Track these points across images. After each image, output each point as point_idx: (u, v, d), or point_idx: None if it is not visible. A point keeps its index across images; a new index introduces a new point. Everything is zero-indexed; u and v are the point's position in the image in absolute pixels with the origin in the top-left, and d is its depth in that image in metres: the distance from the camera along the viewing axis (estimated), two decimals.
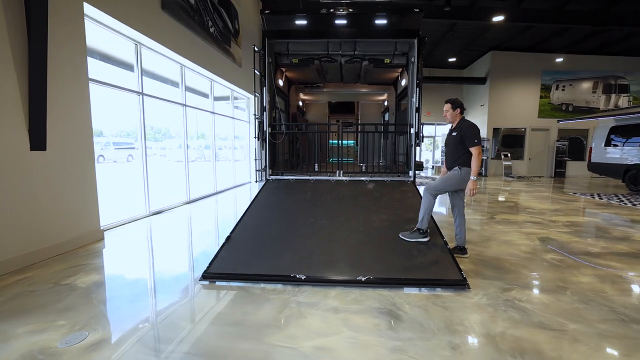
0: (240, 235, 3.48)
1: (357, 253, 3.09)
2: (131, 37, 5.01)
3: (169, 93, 6.39)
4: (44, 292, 2.58)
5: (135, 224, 4.92)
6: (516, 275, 2.93)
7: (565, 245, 3.84)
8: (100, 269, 3.13)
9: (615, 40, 12.28)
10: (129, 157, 5.86)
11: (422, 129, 4.85)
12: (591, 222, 5.21)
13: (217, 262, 2.98)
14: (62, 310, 2.28)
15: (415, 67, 4.87)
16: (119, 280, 2.89)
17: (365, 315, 2.21)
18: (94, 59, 4.37)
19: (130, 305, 2.38)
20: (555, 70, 13.82)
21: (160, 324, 2.11)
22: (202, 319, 2.17)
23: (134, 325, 2.10)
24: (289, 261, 2.97)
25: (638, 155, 8.66)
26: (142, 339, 1.95)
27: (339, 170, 5.16)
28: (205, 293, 2.58)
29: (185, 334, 1.98)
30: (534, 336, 1.97)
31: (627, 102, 13.71)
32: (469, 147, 3.18)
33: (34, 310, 2.28)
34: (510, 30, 11.63)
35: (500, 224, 4.90)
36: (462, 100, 4.33)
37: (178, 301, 2.44)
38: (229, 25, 8.28)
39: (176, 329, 2.05)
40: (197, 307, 2.35)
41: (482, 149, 3.28)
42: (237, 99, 9.99)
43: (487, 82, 14.15)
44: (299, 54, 5.40)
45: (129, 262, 3.36)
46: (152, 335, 1.98)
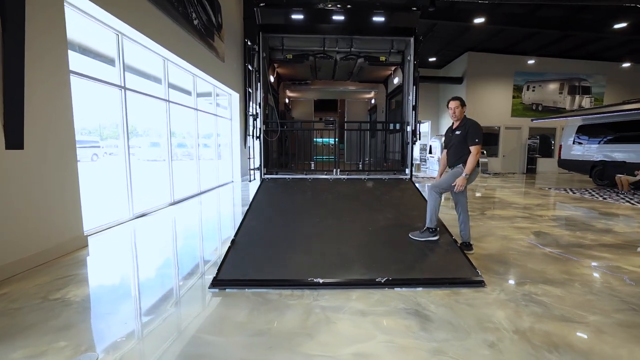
0: (245, 238, 3.32)
1: (369, 253, 3.05)
2: (113, 26, 4.64)
3: (150, 89, 6.02)
4: (32, 308, 2.30)
5: (119, 228, 4.59)
6: (524, 269, 3.02)
7: (559, 239, 4.03)
8: (93, 280, 2.86)
9: (578, 45, 13.15)
10: (93, 156, 5.44)
11: (419, 127, 4.90)
12: (574, 215, 5.52)
13: (226, 268, 2.82)
14: (59, 329, 2.04)
15: (412, 66, 4.91)
16: (118, 291, 2.65)
17: (394, 317, 2.17)
18: (72, 51, 3.99)
19: (139, 320, 2.18)
20: (526, 71, 14.58)
21: (180, 340, 1.94)
22: (224, 331, 2.02)
23: (151, 343, 1.91)
24: (303, 264, 2.87)
25: (603, 152, 9.34)
26: (163, 357, 1.78)
27: (336, 169, 5.10)
28: (219, 302, 2.42)
29: (212, 349, 1.84)
30: (560, 330, 2.02)
31: (589, 102, 14.76)
32: (470, 145, 3.23)
33: (25, 331, 2.02)
34: (486, 32, 12.11)
35: (493, 219, 5.06)
36: (439, 100, 4.47)
37: (192, 312, 2.26)
38: (212, 19, 7.94)
39: (200, 344, 1.90)
40: (215, 318, 2.19)
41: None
42: (219, 95, 9.64)
43: (464, 81, 14.66)
44: (294, 49, 5.26)
45: (123, 271, 3.11)
46: (174, 353, 1.82)
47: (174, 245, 3.98)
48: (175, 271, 3.09)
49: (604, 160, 9.24)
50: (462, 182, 3.20)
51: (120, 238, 4.13)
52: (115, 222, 4.79)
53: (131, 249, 3.79)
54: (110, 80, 4.76)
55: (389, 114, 7.06)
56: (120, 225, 4.69)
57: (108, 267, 3.18)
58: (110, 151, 5.82)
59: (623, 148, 8.75)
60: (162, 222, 5.03)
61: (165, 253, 3.66)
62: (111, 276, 2.98)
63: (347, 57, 5.36)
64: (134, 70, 5.61)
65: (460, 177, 3.21)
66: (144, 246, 3.85)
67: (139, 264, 3.31)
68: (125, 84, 5.09)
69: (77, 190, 3.73)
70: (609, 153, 9.16)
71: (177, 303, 2.41)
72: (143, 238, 4.18)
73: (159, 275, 2.98)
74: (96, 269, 3.14)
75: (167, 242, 4.05)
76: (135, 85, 5.43)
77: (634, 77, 15.06)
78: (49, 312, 2.25)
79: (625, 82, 15.05)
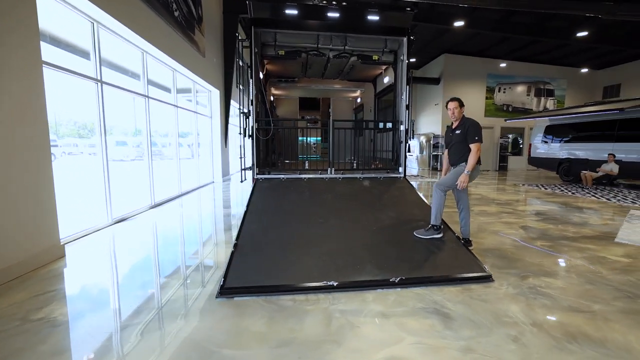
0: (248, 242, 3.20)
1: (379, 253, 3.05)
2: (87, 13, 4.28)
3: (128, 85, 5.65)
4: (12, 332, 2.00)
5: (97, 235, 4.24)
6: (523, 263, 3.15)
7: (545, 232, 4.27)
8: (78, 295, 2.58)
9: (544, 51, 14.05)
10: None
11: (412, 126, 4.98)
12: (551, 210, 5.87)
13: (232, 275, 2.69)
14: (53, 355, 1.79)
15: (405, 65, 4.97)
16: (110, 307, 2.40)
17: (416, 317, 2.17)
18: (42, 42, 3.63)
19: (148, 338, 1.99)
20: (498, 74, 15.36)
21: (198, 357, 1.81)
22: (245, 343, 1.91)
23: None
24: (313, 267, 2.80)
25: (568, 150, 10.05)
26: None
27: (330, 168, 5.06)
28: (231, 312, 2.28)
29: None
30: (573, 320, 2.12)
31: (552, 104, 15.83)
32: (470, 143, 3.31)
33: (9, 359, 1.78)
34: (462, 35, 12.59)
35: (481, 215, 5.26)
36: (417, 99, 4.59)
37: (204, 326, 2.11)
38: (192, 11, 7.58)
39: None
40: (231, 330, 2.06)
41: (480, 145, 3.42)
42: (199, 92, 9.25)
43: (441, 82, 15.16)
44: (287, 45, 5.15)
45: (111, 284, 2.85)
46: None
47: (163, 252, 3.75)
48: (171, 281, 2.90)
49: (569, 157, 9.94)
50: (465, 179, 3.28)
51: (100, 246, 3.82)
52: (93, 229, 4.43)
53: (115, 258, 3.51)
54: (85, 74, 4.41)
55: (378, 113, 7.13)
56: (99, 232, 4.35)
57: (93, 280, 2.91)
58: (70, 150, 5.33)
59: (586, 147, 9.48)
60: (145, 227, 4.73)
61: (155, 261, 3.43)
62: (99, 290, 2.72)
63: (340, 55, 5.33)
64: (110, 65, 5.23)
65: (462, 175, 3.29)
66: (130, 254, 3.58)
67: (128, 275, 3.07)
68: (101, 77, 4.73)
69: (52, 194, 3.37)
70: (573, 151, 9.87)
71: (184, 316, 2.24)
72: (126, 245, 3.89)
73: (155, 287, 2.78)
74: (79, 282, 2.86)
75: (154, 249, 3.80)
76: (112, 80, 5.07)
77: (591, 81, 16.37)
78: (33, 335, 1.98)
79: (584, 86, 16.32)
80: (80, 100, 4.60)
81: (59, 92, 4.15)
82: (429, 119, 16.44)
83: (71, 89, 4.39)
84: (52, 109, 4.16)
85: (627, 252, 3.48)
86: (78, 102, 4.60)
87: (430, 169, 15.59)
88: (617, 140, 8.54)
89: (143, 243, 4.00)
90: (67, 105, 4.46)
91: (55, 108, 4.28)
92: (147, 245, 3.92)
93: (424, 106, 16.57)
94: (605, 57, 14.59)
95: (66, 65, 4.02)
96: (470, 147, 3.31)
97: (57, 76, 3.88)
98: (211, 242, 4.11)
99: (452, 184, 3.40)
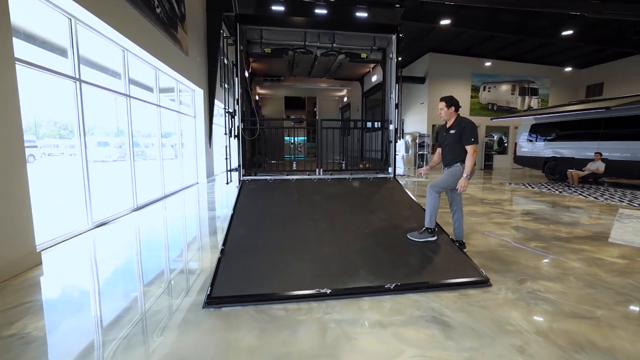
0: (235, 248, 3.04)
1: (372, 258, 2.93)
2: (64, 8, 4.02)
3: (110, 84, 5.38)
4: None
5: (76, 240, 4.00)
6: (518, 266, 3.10)
7: (538, 233, 4.25)
8: (55, 307, 2.40)
9: (529, 50, 14.31)
10: (29, 157, 4.86)
11: (402, 126, 4.90)
12: (541, 209, 5.90)
13: (220, 283, 2.53)
14: None
15: (394, 63, 4.88)
16: (90, 320, 2.22)
17: (415, 327, 2.06)
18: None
19: (130, 355, 1.83)
20: (483, 73, 15.55)
21: None
22: (235, 359, 1.77)
23: None
24: (305, 273, 2.67)
25: (553, 149, 10.23)
26: None
27: (318, 168, 4.93)
28: (218, 324, 2.13)
29: None
30: (577, 327, 2.05)
31: (537, 103, 16.15)
32: (465, 145, 3.23)
33: None
34: (448, 34, 12.66)
35: (471, 216, 5.23)
36: (402, 99, 4.52)
37: (190, 340, 1.96)
38: (175, 8, 7.32)
39: None
40: (221, 344, 1.91)
41: (476, 146, 3.35)
42: (182, 91, 8.96)
43: (426, 81, 15.24)
44: (273, 43, 4.98)
45: (90, 294, 2.65)
46: None
47: (145, 258, 3.54)
48: (154, 290, 2.71)
49: (555, 156, 10.12)
50: (465, 183, 3.19)
51: (79, 252, 3.60)
52: (72, 234, 4.18)
53: (95, 265, 3.29)
54: (62, 72, 4.14)
55: (366, 112, 7.04)
56: (78, 237, 4.10)
57: (71, 290, 2.71)
58: (50, 151, 5.14)
59: (571, 145, 9.65)
60: (127, 232, 4.50)
61: (137, 269, 3.23)
62: (77, 301, 2.52)
63: (327, 53, 5.20)
64: (90, 63, 4.96)
65: (461, 179, 3.19)
66: (110, 261, 3.37)
67: (108, 283, 2.87)
68: (80, 76, 4.47)
69: (27, 197, 3.15)
70: (559, 150, 10.05)
71: (168, 329, 2.07)
72: (107, 251, 3.67)
73: (136, 297, 2.59)
74: (57, 292, 2.66)
75: (136, 255, 3.59)
76: (92, 79, 4.80)
77: (574, 80, 16.77)
78: (4, 354, 1.81)
79: (567, 85, 16.71)
80: (59, 100, 4.33)
81: (36, 91, 3.89)
82: (415, 118, 16.53)
83: (49, 88, 4.12)
84: (30, 109, 3.91)
85: (622, 253, 3.47)
86: (57, 101, 4.33)
87: (416, 168, 15.66)
88: (602, 139, 8.71)
89: (124, 249, 3.78)
90: (47, 105, 4.20)
91: (34, 108, 4.02)
92: (128, 251, 3.70)
93: (410, 105, 16.65)
94: (589, 56, 14.95)
95: (43, 63, 3.76)
96: (465, 149, 3.23)
97: (33, 75, 3.63)
98: (196, 246, 3.92)
99: (447, 185, 3.32)
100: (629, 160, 8.08)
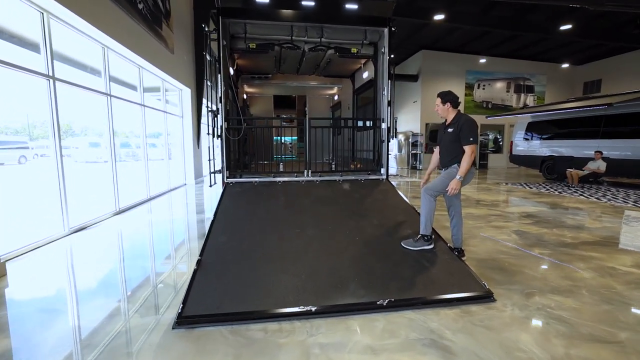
0: (214, 258, 2.76)
1: (363, 269, 2.66)
2: (34, 1, 3.72)
3: (89, 83, 5.08)
4: None
5: (48, 247, 3.71)
6: (523, 276, 2.84)
7: (541, 237, 4.00)
8: (18, 324, 2.12)
9: (524, 46, 14.11)
10: (21, 158, 4.72)
11: (395, 124, 4.63)
12: (542, 211, 5.64)
13: (194, 299, 2.25)
14: None
15: (386, 58, 4.61)
16: (51, 342, 1.92)
17: (411, 354, 1.79)
18: None
19: None
20: (477, 70, 15.35)
21: None
22: None
23: None
24: (289, 287, 2.39)
25: (551, 148, 10.03)
26: None
27: (307, 170, 4.65)
28: (189, 348, 1.84)
29: None
30: (599, 354, 1.78)
31: (532, 101, 15.99)
32: (463, 145, 2.96)
33: None
34: (441, 30, 12.41)
35: (469, 219, 4.97)
36: (395, 97, 4.24)
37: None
38: (159, 4, 7.00)
39: None
40: None
41: (475, 146, 3.05)
42: (169, 91, 8.64)
43: (419, 79, 15.01)
44: (258, 37, 4.69)
45: (55, 311, 2.34)
46: None
47: (118, 268, 3.23)
48: (122, 306, 2.41)
49: (553, 155, 9.92)
50: (456, 185, 2.94)
51: (49, 261, 3.30)
52: (45, 241, 3.88)
53: (64, 276, 3.00)
54: (34, 69, 3.86)
55: (357, 110, 6.76)
56: (51, 245, 3.81)
57: (34, 305, 2.42)
58: (42, 152, 5.01)
59: (570, 144, 9.45)
60: (105, 237, 4.21)
61: (109, 280, 2.93)
62: (39, 319, 2.21)
63: (316, 48, 4.91)
64: (67, 60, 4.68)
65: (453, 180, 2.94)
66: (80, 271, 3.08)
67: (76, 298, 2.58)
68: (53, 73, 4.19)
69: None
70: (557, 148, 9.85)
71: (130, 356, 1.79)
72: (79, 260, 3.38)
73: (103, 316, 2.28)
74: (18, 307, 2.38)
75: (109, 265, 3.28)
76: (70, 76, 4.50)
77: (571, 77, 16.60)
78: None
79: (564, 82, 16.53)
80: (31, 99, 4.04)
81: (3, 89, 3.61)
82: (408, 116, 16.29)
83: (20, 86, 3.83)
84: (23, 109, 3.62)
85: (636, 262, 3.21)
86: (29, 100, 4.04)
87: (409, 168, 15.42)
88: (603, 137, 8.51)
89: (98, 257, 3.50)
90: (42, 105, 3.93)
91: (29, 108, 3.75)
92: (102, 259, 3.40)
93: (403, 104, 16.42)
94: (586, 52, 14.74)
95: (11, 59, 3.47)
96: (463, 149, 2.97)
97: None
98: (178, 254, 3.64)
99: (442, 188, 3.05)
100: (631, 159, 7.88)
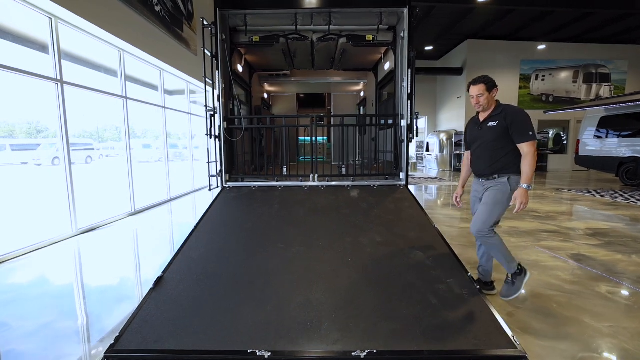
0: (178, 276, 2.35)
1: (347, 303, 2.04)
2: (40, 6, 3.81)
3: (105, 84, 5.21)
4: None
5: (50, 249, 3.75)
6: (580, 328, 2.00)
7: (613, 268, 2.97)
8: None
9: (596, 27, 11.91)
10: (87, 158, 5.60)
11: (416, 121, 3.89)
12: (617, 228, 4.38)
13: (135, 328, 1.85)
14: None
15: (406, 44, 3.88)
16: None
17: None
18: None
19: None
20: (534, 59, 13.46)
21: None
22: None
23: None
24: (248, 322, 1.88)
25: (633, 147, 8.20)
26: None
27: (312, 174, 4.09)
28: None
29: None
30: None
31: (608, 91, 13.55)
32: (519, 143, 2.17)
33: None
34: (489, 14, 10.97)
35: (511, 234, 4.02)
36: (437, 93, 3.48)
37: None
38: (179, 6, 7.01)
39: None
40: None
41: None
42: (195, 92, 8.71)
43: (464, 72, 13.59)
44: (260, 29, 4.27)
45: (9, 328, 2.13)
46: None
47: (102, 276, 3.00)
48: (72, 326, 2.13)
49: (636, 156, 8.09)
50: (525, 198, 2.13)
51: (41, 266, 3.24)
52: (48, 242, 3.95)
53: (46, 283, 2.88)
54: (41, 73, 4.02)
55: (380, 106, 6.03)
56: (54, 246, 3.87)
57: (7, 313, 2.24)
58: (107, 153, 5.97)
59: None
60: (113, 239, 4.21)
61: (84, 291, 2.72)
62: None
63: (325, 38, 4.33)
64: (81, 61, 4.81)
65: (519, 191, 2.15)
66: (61, 278, 2.98)
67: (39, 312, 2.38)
68: (62, 77, 4.30)
69: None
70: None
71: None
72: (70, 265, 3.33)
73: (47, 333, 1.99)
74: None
75: (95, 271, 3.09)
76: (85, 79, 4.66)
77: None
78: None
79: None
80: None
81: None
82: (451, 114, 14.86)
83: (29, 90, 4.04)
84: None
85: None
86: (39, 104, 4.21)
87: (451, 169, 14.01)
88: None
89: (93, 261, 3.39)
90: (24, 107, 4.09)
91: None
92: (95, 264, 3.30)
93: (445, 100, 15.02)
94: None
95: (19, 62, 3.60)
96: (511, 149, 2.22)
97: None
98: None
99: (500, 214, 2.26)
100: None
